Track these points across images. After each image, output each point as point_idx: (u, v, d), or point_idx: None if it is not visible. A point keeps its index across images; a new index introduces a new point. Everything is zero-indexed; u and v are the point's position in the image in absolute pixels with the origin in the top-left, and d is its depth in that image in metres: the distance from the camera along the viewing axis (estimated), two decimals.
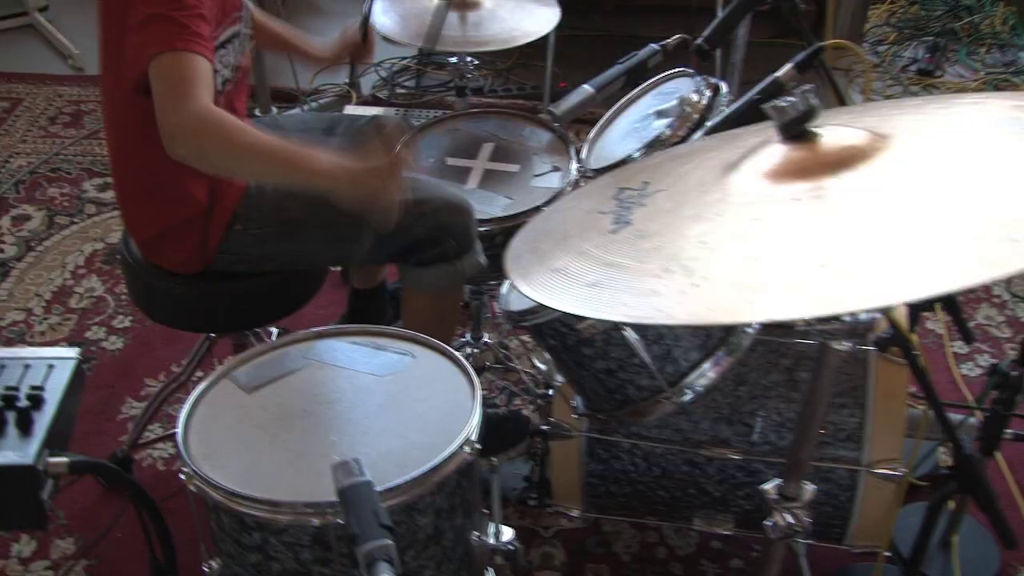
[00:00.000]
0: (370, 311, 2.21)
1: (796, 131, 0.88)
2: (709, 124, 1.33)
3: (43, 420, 1.24)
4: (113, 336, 2.39)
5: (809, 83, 0.92)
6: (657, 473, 1.69)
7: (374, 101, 3.35)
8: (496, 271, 1.89)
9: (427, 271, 1.72)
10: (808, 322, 1.18)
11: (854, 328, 0.95)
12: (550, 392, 1.95)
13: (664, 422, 1.64)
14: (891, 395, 1.58)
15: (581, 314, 0.79)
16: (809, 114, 0.87)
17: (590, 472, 1.72)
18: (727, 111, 1.32)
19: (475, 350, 2.23)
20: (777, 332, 1.58)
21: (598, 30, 3.74)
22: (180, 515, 1.44)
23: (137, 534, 1.38)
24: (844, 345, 0.96)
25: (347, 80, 1.99)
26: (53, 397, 1.28)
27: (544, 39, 2.18)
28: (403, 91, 3.43)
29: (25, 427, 1.22)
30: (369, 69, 3.53)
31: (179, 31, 1.39)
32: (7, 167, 3.00)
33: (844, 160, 0.84)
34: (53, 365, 1.34)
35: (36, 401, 1.25)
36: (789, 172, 0.86)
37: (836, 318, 0.97)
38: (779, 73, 1.27)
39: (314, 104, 3.28)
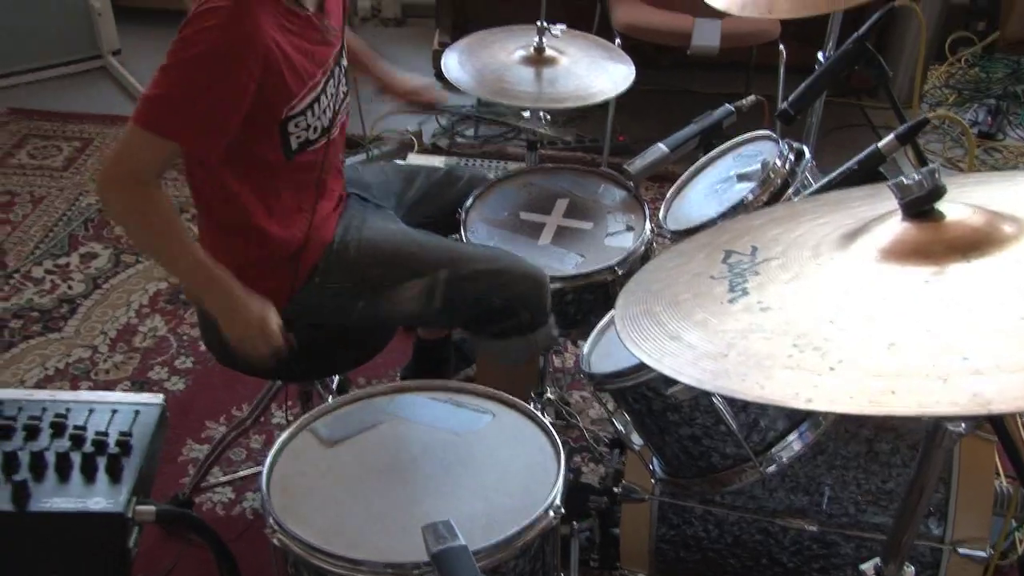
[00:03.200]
0: (435, 361, 2.21)
1: (920, 210, 0.86)
2: (805, 193, 1.32)
3: (131, 467, 1.25)
4: (175, 377, 2.40)
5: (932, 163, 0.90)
6: (729, 541, 1.65)
7: (435, 150, 3.39)
8: (564, 328, 1.88)
9: (501, 343, 1.73)
10: None
11: None
12: (615, 451, 1.93)
13: (739, 489, 1.60)
14: (978, 471, 1.54)
15: (711, 391, 0.76)
16: (936, 193, 0.85)
17: (660, 537, 1.68)
18: (824, 180, 1.31)
19: (537, 405, 2.22)
20: None
21: (655, 85, 3.76)
22: (240, 559, 1.44)
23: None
24: (961, 427, 0.93)
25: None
26: (140, 444, 1.29)
27: None
28: (463, 140, 3.47)
29: (115, 474, 1.23)
30: (429, 118, 3.59)
31: (160, 111, 1.44)
32: (77, 205, 3.06)
33: (974, 244, 0.82)
34: (139, 411, 1.35)
35: (125, 447, 1.26)
36: (913, 252, 0.84)
37: None
38: (880, 144, 1.26)
39: (376, 151, 3.32)
